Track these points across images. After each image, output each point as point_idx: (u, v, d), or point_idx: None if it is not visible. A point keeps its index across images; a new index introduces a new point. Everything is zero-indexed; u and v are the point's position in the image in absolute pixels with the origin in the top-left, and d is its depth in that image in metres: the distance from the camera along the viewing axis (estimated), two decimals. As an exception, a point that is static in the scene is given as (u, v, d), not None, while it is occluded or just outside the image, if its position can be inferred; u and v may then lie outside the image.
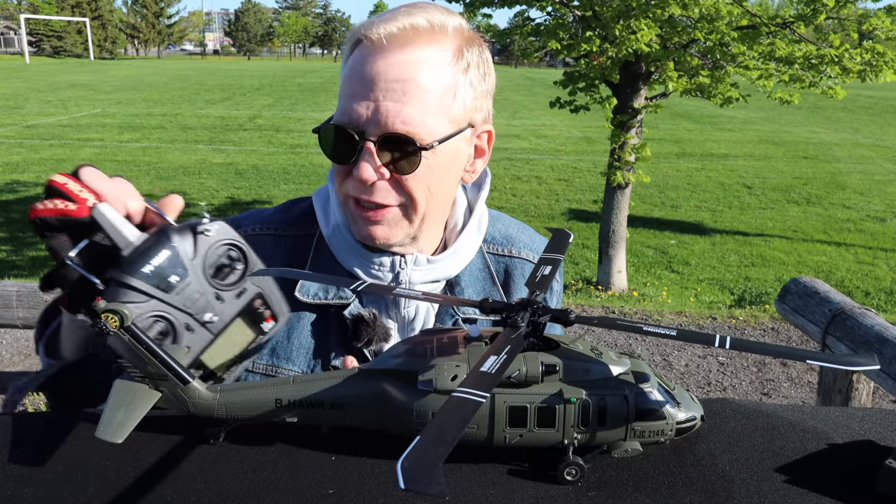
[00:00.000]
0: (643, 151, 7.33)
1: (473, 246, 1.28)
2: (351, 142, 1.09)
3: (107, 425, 0.74)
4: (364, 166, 1.08)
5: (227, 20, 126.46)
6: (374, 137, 1.08)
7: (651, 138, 10.66)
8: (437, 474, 0.53)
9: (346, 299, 1.19)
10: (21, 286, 2.52)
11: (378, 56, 1.07)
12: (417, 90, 1.08)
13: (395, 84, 1.06)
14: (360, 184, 1.11)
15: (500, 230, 1.35)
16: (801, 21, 6.42)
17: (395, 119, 1.07)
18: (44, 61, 60.07)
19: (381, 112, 1.07)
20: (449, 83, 1.11)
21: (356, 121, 1.08)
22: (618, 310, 6.69)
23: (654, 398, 0.79)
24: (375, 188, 1.11)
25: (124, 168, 13.99)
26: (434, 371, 0.77)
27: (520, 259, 1.33)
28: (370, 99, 1.07)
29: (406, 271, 1.20)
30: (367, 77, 1.07)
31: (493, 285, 1.29)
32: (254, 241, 1.24)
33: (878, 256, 9.78)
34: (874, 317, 2.14)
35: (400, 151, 1.09)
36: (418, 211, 1.16)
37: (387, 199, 1.13)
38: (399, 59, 1.07)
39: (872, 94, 36.54)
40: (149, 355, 0.77)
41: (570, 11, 7.31)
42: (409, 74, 1.07)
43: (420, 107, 1.08)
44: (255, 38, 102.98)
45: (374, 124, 1.07)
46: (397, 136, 1.08)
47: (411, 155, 1.09)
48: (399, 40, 1.07)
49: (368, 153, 1.09)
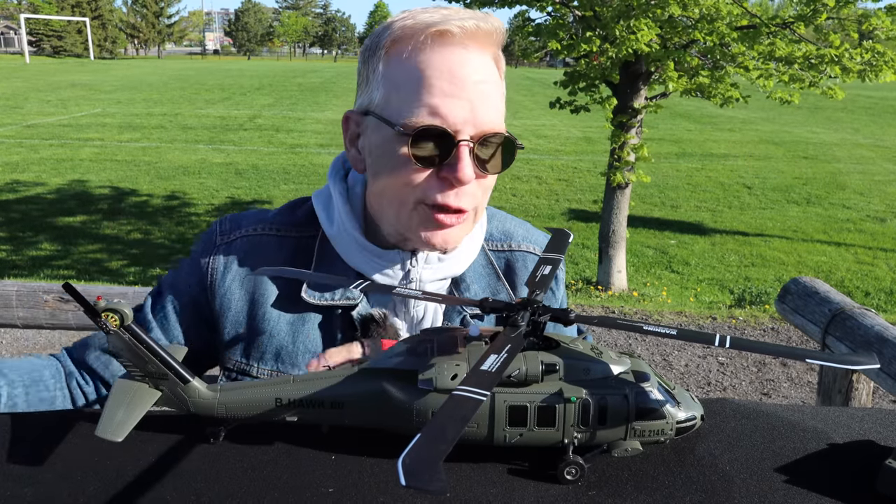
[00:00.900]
0: (642, 151, 7.33)
1: (477, 243, 1.28)
2: (446, 143, 1.05)
3: (107, 424, 0.74)
4: (463, 167, 1.05)
5: (227, 20, 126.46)
6: (470, 137, 1.06)
7: (651, 138, 10.68)
8: (438, 471, 0.53)
9: (353, 300, 1.17)
10: (21, 286, 2.52)
11: (465, 54, 1.06)
12: (497, 91, 1.10)
13: (482, 85, 1.06)
14: (450, 187, 1.07)
15: (498, 227, 1.35)
16: (801, 21, 6.42)
17: (490, 119, 1.07)
18: (44, 61, 60.07)
19: (479, 111, 1.05)
20: (502, 87, 1.14)
21: (452, 121, 1.04)
22: (618, 310, 6.69)
23: (654, 397, 0.79)
24: (464, 191, 1.09)
25: (124, 168, 14.00)
26: (434, 370, 0.77)
27: (520, 252, 1.33)
28: (464, 98, 1.04)
29: (417, 269, 1.19)
30: (458, 76, 1.04)
31: (498, 280, 1.30)
32: (256, 240, 1.24)
33: (878, 256, 9.79)
34: (874, 317, 2.14)
35: (493, 151, 1.09)
36: (480, 211, 1.18)
37: (469, 204, 1.11)
38: (483, 60, 1.08)
39: (872, 94, 36.55)
40: (149, 354, 0.77)
41: (570, 11, 7.31)
42: (490, 76, 1.09)
43: (500, 107, 1.11)
44: (255, 38, 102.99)
45: (469, 124, 1.05)
46: (494, 135, 1.07)
47: (506, 151, 1.10)
48: (483, 37, 1.07)
49: (466, 152, 1.05)
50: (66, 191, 12.12)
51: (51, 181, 12.73)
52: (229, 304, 1.20)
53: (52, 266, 8.49)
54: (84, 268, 8.52)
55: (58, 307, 2.48)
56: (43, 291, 2.49)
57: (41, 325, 2.52)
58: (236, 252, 1.22)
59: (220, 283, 1.21)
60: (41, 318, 2.49)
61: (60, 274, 8.10)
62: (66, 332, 5.50)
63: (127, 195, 11.97)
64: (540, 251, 1.35)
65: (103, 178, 13.13)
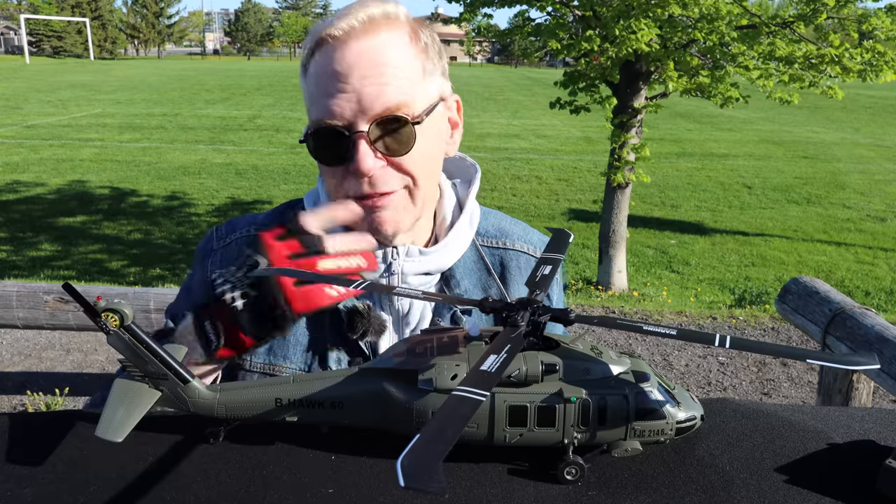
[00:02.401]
0: (643, 151, 7.33)
1: (466, 239, 1.29)
2: (341, 139, 1.09)
3: (107, 424, 0.74)
4: (362, 159, 1.08)
5: (227, 20, 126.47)
6: (363, 128, 1.08)
7: (651, 138, 10.67)
8: (437, 472, 0.53)
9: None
10: (21, 286, 2.52)
11: (345, 49, 1.07)
12: (392, 70, 1.09)
13: (368, 70, 1.07)
14: (360, 179, 1.11)
15: (493, 223, 1.36)
16: (802, 21, 6.42)
17: (380, 102, 1.07)
18: (44, 61, 60.09)
19: (365, 100, 1.07)
20: (415, 62, 1.13)
21: (342, 117, 1.07)
22: (618, 310, 6.69)
23: (654, 398, 0.79)
24: (377, 178, 1.11)
25: (124, 168, 14.00)
26: (434, 370, 0.77)
27: (514, 251, 1.33)
28: (349, 91, 1.06)
29: (398, 262, 1.21)
30: (340, 72, 1.07)
31: (490, 275, 1.30)
32: (251, 241, 1.25)
33: (878, 256, 9.78)
34: (874, 317, 2.14)
35: (393, 132, 1.10)
36: (421, 188, 1.17)
37: (390, 186, 1.13)
38: (366, 47, 1.08)
39: (872, 94, 36.55)
40: (149, 354, 0.77)
41: (570, 11, 7.31)
42: (380, 58, 1.08)
43: (398, 86, 1.09)
44: (255, 39, 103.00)
45: (360, 115, 1.07)
46: (387, 118, 1.08)
47: (405, 132, 1.10)
48: (360, 31, 1.08)
49: (363, 144, 1.08)
50: (66, 191, 12.12)
51: (51, 181, 12.74)
52: None
53: (53, 266, 8.50)
54: (84, 268, 8.52)
55: (58, 308, 2.48)
56: (43, 292, 2.49)
57: (41, 326, 2.52)
58: (233, 253, 1.25)
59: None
60: (41, 318, 2.49)
61: (61, 274, 8.10)
62: (67, 333, 5.50)
63: (127, 195, 11.98)
64: (536, 252, 1.35)
65: (103, 178, 13.13)
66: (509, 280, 1.31)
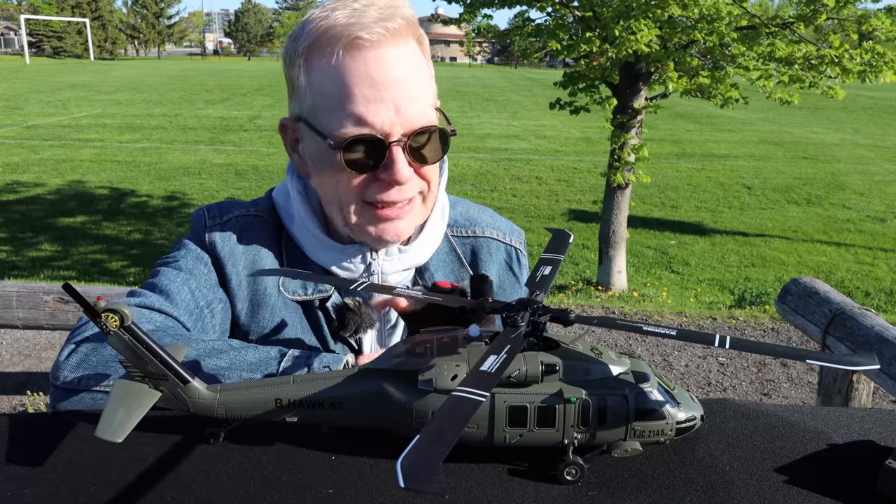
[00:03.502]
0: (643, 152, 7.33)
1: (439, 232, 1.30)
2: (376, 147, 1.08)
3: (107, 425, 0.74)
4: (401, 168, 1.09)
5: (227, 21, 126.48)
6: (399, 137, 1.08)
7: (651, 139, 10.68)
8: (437, 473, 0.53)
9: (326, 292, 1.22)
10: (21, 286, 2.52)
11: (381, 55, 1.06)
12: (420, 82, 1.10)
13: (404, 81, 1.07)
14: (390, 186, 1.11)
15: (462, 213, 1.37)
16: (801, 21, 6.43)
17: (416, 113, 1.09)
18: (44, 62, 60.09)
19: (403, 110, 1.07)
20: (427, 67, 1.15)
21: (379, 126, 1.07)
22: (618, 310, 6.68)
23: (654, 398, 0.79)
24: (404, 186, 1.12)
25: (124, 168, 14.00)
26: (434, 371, 0.77)
27: (484, 238, 1.35)
28: (387, 100, 1.06)
29: (378, 262, 1.23)
30: (378, 79, 1.06)
31: (462, 266, 1.32)
32: (246, 220, 1.25)
33: (878, 256, 9.78)
34: (874, 317, 2.14)
35: (426, 142, 1.11)
36: (432, 192, 1.20)
37: (411, 192, 1.15)
38: (400, 54, 1.08)
39: (872, 94, 36.55)
40: (149, 355, 0.77)
41: (570, 12, 7.31)
42: (411, 68, 1.09)
43: (425, 97, 1.11)
44: (255, 39, 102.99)
45: (397, 123, 1.07)
46: (423, 129, 1.10)
47: (435, 140, 1.12)
48: (393, 37, 1.07)
49: (401, 153, 1.09)
50: (66, 191, 12.12)
51: (51, 182, 12.73)
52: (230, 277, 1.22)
53: (53, 267, 8.49)
54: (84, 268, 8.52)
55: (58, 308, 2.48)
56: (43, 292, 2.49)
57: (41, 326, 2.52)
58: (231, 229, 1.24)
59: (220, 253, 1.23)
60: (41, 318, 2.49)
61: (60, 275, 8.10)
62: (67, 333, 5.49)
63: (127, 196, 11.98)
64: (505, 237, 1.37)
65: (103, 178, 13.13)
66: (480, 267, 1.34)
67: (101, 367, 0.99)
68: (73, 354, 1.02)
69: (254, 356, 1.00)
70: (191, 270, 1.20)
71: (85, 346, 1.03)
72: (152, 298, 1.14)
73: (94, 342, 1.03)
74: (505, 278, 1.36)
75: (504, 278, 1.36)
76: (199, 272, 1.20)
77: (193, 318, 1.16)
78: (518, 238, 1.40)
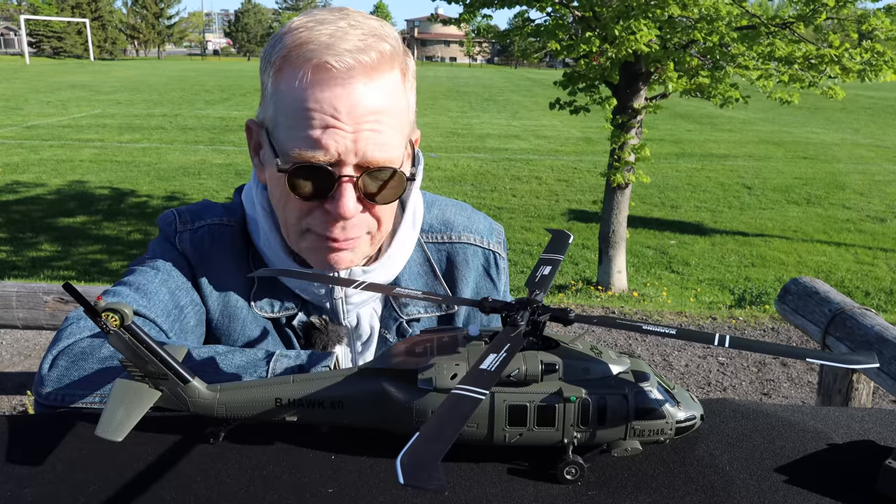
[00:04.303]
0: (643, 152, 7.34)
1: (410, 244, 1.25)
2: (326, 178, 1.02)
3: (107, 424, 0.74)
4: (344, 203, 1.02)
5: (227, 21, 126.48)
6: (351, 171, 1.02)
7: (651, 138, 10.68)
8: (437, 470, 0.53)
9: (291, 310, 1.19)
10: (21, 287, 2.52)
11: (347, 85, 0.99)
12: (389, 118, 1.03)
13: (369, 116, 1.01)
14: (334, 220, 1.05)
15: (437, 216, 1.31)
16: (801, 21, 6.43)
17: (376, 150, 1.02)
18: (44, 62, 60.09)
19: (361, 144, 1.01)
20: (404, 104, 1.08)
21: (333, 153, 1.00)
22: (618, 310, 6.68)
23: (653, 397, 0.79)
24: (350, 223, 1.06)
25: (124, 169, 14.00)
26: (434, 370, 0.77)
27: (461, 244, 1.30)
28: (346, 131, 1.00)
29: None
30: (339, 109, 0.99)
31: (436, 279, 1.27)
32: (216, 230, 1.20)
33: (878, 256, 9.79)
34: (874, 317, 2.14)
35: (381, 182, 1.05)
36: (382, 232, 1.14)
37: (357, 232, 1.09)
38: (369, 89, 1.01)
39: (872, 94, 36.56)
40: (149, 354, 0.77)
41: (570, 12, 7.31)
42: (381, 104, 1.02)
43: (392, 134, 1.05)
44: (255, 39, 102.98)
45: (352, 155, 1.01)
46: (379, 168, 1.03)
47: (394, 183, 1.06)
48: (366, 69, 1.00)
49: (350, 188, 1.03)
50: (66, 192, 12.12)
51: (51, 182, 12.73)
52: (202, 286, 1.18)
53: (53, 267, 8.49)
54: (84, 268, 8.52)
55: (58, 308, 2.48)
56: (43, 292, 2.49)
57: (41, 326, 2.52)
58: (202, 237, 1.20)
59: (192, 261, 1.19)
60: (41, 318, 2.49)
61: (61, 275, 8.10)
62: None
63: (127, 196, 11.98)
64: (482, 241, 1.32)
65: (103, 178, 13.13)
66: (457, 276, 1.29)
67: (86, 381, 0.95)
68: (54, 368, 0.97)
69: (241, 359, 0.98)
70: (168, 271, 1.16)
71: (64, 359, 0.98)
72: (129, 299, 1.10)
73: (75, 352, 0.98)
74: (482, 284, 1.32)
75: (481, 284, 1.31)
76: (176, 274, 1.16)
77: (171, 320, 1.11)
78: (497, 238, 1.34)
